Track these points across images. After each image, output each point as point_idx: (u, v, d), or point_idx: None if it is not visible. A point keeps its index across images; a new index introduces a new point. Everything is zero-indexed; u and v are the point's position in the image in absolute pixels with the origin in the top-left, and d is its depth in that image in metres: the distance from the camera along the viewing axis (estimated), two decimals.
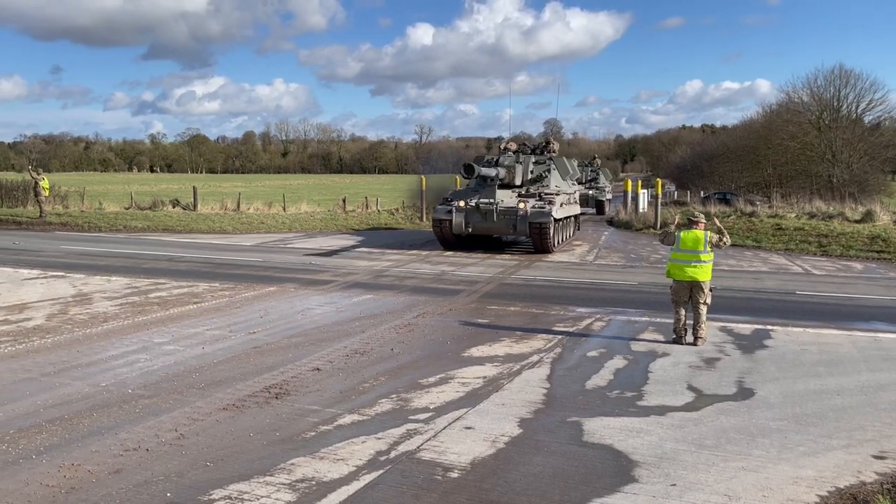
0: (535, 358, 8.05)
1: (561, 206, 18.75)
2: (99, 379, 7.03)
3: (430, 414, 6.13)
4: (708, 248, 8.64)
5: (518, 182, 19.06)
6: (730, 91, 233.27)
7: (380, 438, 5.54)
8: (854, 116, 46.69)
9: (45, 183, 25.93)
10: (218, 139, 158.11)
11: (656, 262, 16.74)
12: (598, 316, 10.49)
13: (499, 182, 18.46)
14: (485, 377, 7.25)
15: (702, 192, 45.84)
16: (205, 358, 7.86)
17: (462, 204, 18.05)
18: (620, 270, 15.74)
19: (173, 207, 29.73)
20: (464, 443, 5.46)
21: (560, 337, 9.11)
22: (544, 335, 9.21)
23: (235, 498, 4.50)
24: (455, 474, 4.89)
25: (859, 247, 18.91)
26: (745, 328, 9.72)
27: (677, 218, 9.17)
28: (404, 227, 25.98)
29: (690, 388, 6.99)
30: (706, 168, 56.99)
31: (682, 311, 8.78)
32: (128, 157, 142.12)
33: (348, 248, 19.25)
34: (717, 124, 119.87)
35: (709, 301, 8.73)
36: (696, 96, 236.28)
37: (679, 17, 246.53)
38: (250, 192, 47.38)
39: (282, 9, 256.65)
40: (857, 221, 22.57)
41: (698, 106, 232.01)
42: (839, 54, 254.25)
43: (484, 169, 18.37)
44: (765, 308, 11.23)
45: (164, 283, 12.80)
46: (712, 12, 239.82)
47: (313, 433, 5.66)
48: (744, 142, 53.07)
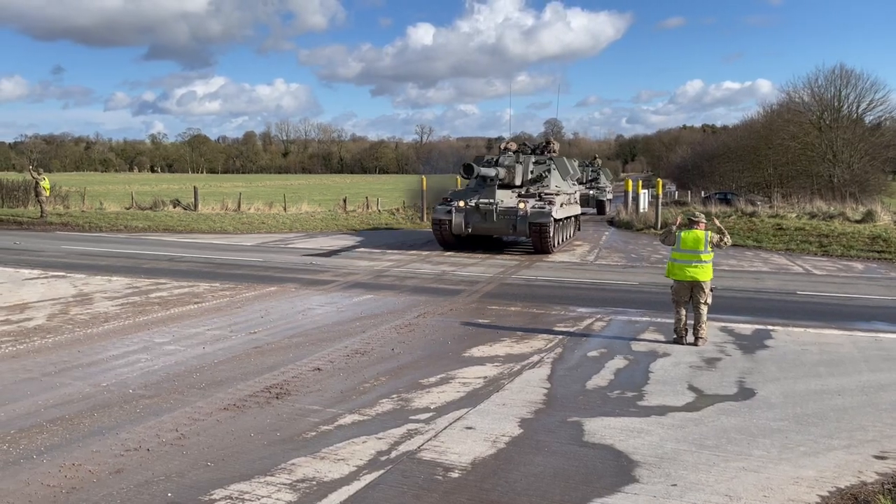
0: (535, 358, 8.05)
1: (561, 206, 18.67)
2: (100, 379, 7.04)
3: (431, 414, 6.13)
4: (708, 249, 8.64)
5: (518, 182, 18.94)
6: (730, 91, 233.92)
7: (380, 438, 5.54)
8: (855, 116, 46.72)
9: (45, 183, 25.96)
10: (218, 139, 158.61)
11: (657, 263, 16.73)
12: (598, 316, 10.49)
13: (499, 182, 18.34)
14: (485, 377, 7.25)
15: (702, 192, 45.87)
16: (205, 358, 7.87)
17: (462, 204, 17.92)
18: (621, 270, 15.74)
19: (174, 207, 29.75)
20: (464, 443, 5.46)
21: (561, 337, 9.12)
22: (545, 335, 9.21)
23: (236, 498, 4.51)
24: (456, 474, 4.89)
25: (860, 247, 18.90)
26: (746, 328, 9.72)
27: (679, 218, 9.15)
28: (405, 227, 25.99)
29: (691, 388, 6.99)
30: (707, 168, 57.03)
31: (683, 311, 8.78)
32: (128, 157, 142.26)
33: (349, 248, 19.25)
34: (718, 124, 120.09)
35: (709, 301, 8.73)
36: (696, 96, 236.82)
37: (680, 17, 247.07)
38: (251, 192, 47.40)
39: (282, 9, 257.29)
40: (857, 221, 22.56)
41: (699, 106, 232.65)
42: (840, 54, 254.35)
43: (483, 169, 18.25)
44: (765, 308, 11.22)
45: (164, 283, 12.81)
46: (713, 12, 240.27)
47: (314, 433, 5.66)
48: (744, 142, 53.10)
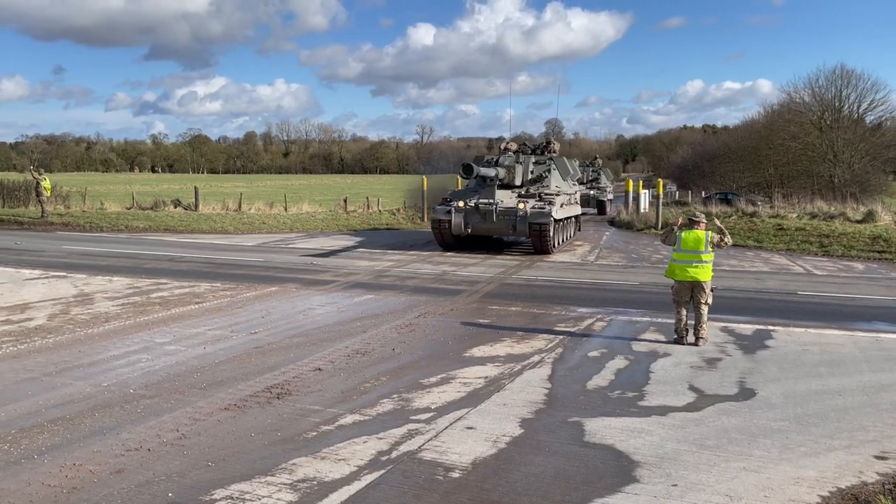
0: (536, 358, 8.05)
1: (561, 206, 18.61)
2: (100, 379, 7.04)
3: (432, 414, 6.13)
4: (709, 249, 8.64)
5: (518, 182, 18.86)
6: (731, 91, 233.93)
7: (381, 438, 5.54)
8: (855, 116, 46.71)
9: (46, 183, 25.97)
10: (219, 139, 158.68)
11: (657, 263, 16.73)
12: (599, 316, 10.49)
13: (498, 182, 18.28)
14: (486, 377, 7.25)
15: (703, 193, 45.92)
16: (206, 358, 7.87)
17: (461, 204, 17.84)
18: (622, 271, 15.73)
19: (175, 207, 29.77)
20: (465, 443, 5.47)
21: (561, 337, 9.12)
22: (545, 335, 9.21)
23: (237, 498, 4.51)
24: (456, 474, 4.90)
25: (861, 247, 18.89)
26: (747, 328, 9.72)
27: (680, 219, 9.15)
28: (405, 228, 25.99)
29: (692, 388, 6.99)
30: (707, 168, 57.03)
31: (684, 312, 8.78)
32: (129, 157, 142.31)
33: (349, 248, 19.25)
34: (719, 124, 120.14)
35: (710, 301, 8.73)
36: (697, 96, 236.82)
37: (680, 17, 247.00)
38: (252, 192, 47.39)
39: (283, 9, 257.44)
40: (858, 222, 22.56)
41: (699, 106, 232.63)
42: (841, 54, 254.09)
43: (483, 169, 18.17)
44: (766, 308, 11.22)
45: (165, 283, 12.81)
46: (713, 12, 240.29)
47: (315, 433, 5.66)
48: (745, 142, 53.09)
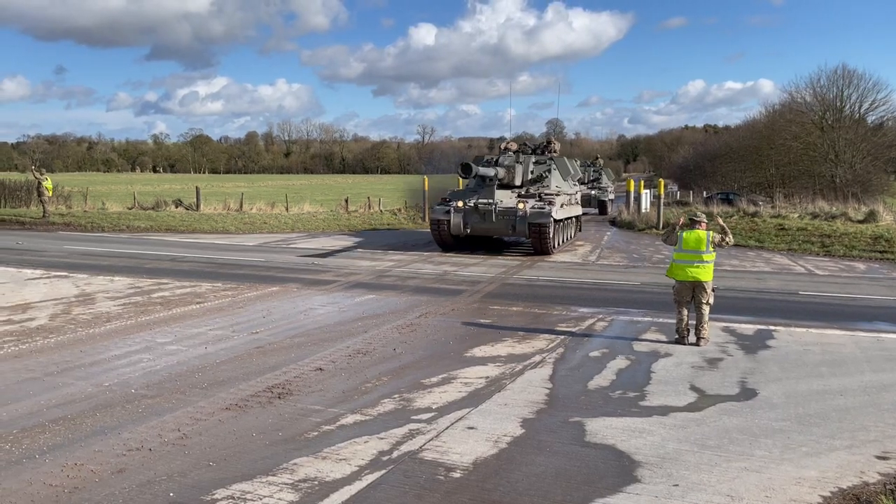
0: (537, 358, 8.05)
1: (561, 206, 18.52)
2: (102, 379, 7.05)
3: (433, 414, 6.13)
4: (710, 249, 8.63)
5: (518, 182, 18.75)
6: (732, 91, 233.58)
7: (382, 438, 5.54)
8: (857, 116, 46.66)
9: (48, 183, 26.00)
10: (220, 139, 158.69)
11: (659, 263, 16.72)
12: (600, 316, 10.48)
13: (498, 182, 18.20)
14: (487, 377, 7.25)
15: (704, 193, 45.88)
16: (207, 358, 7.88)
17: (460, 204, 17.73)
18: (623, 271, 15.73)
19: (176, 207, 29.80)
20: (466, 443, 5.47)
21: (562, 337, 9.11)
22: (546, 335, 9.21)
23: (238, 498, 4.51)
24: (457, 474, 4.90)
25: (862, 247, 18.88)
26: (748, 328, 9.71)
27: (682, 218, 9.15)
28: (407, 228, 25.99)
29: (693, 388, 6.99)
30: (709, 168, 57.00)
31: (685, 312, 8.78)
32: (131, 157, 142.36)
33: (351, 248, 19.26)
34: (720, 124, 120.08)
35: (711, 301, 8.73)
36: (698, 96, 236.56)
37: (681, 17, 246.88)
38: (253, 192, 47.42)
39: (284, 9, 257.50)
40: (860, 222, 22.55)
41: (701, 106, 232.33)
42: (842, 54, 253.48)
43: (482, 168, 18.08)
44: (768, 308, 11.21)
45: (166, 283, 12.82)
46: (714, 12, 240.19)
47: (316, 433, 5.66)
48: (746, 142, 53.06)
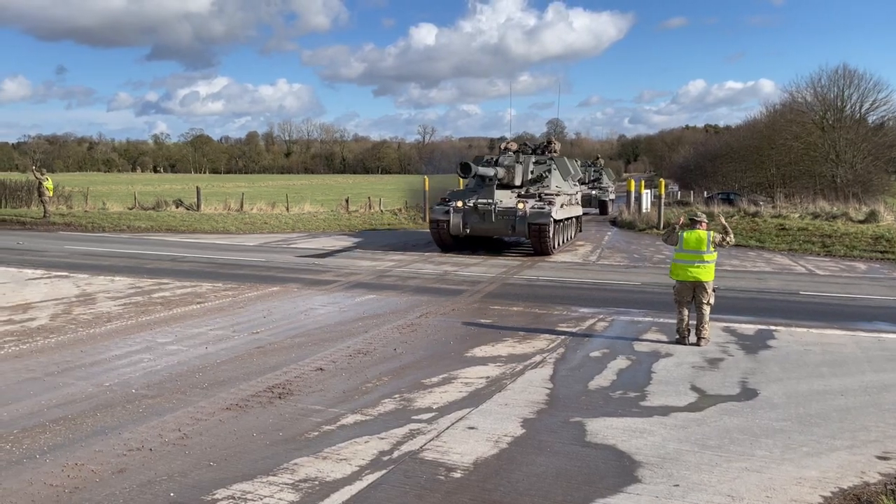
0: (537, 358, 8.05)
1: (561, 206, 18.45)
2: (102, 379, 7.05)
3: (433, 414, 6.13)
4: (711, 249, 8.62)
5: (518, 182, 18.68)
6: (733, 91, 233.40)
7: (383, 438, 5.54)
8: (858, 116, 46.59)
9: (48, 183, 26.03)
10: (221, 139, 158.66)
11: (659, 263, 16.72)
12: (601, 316, 10.48)
13: (498, 182, 18.13)
14: (488, 377, 7.25)
15: (705, 193, 45.87)
16: (208, 358, 7.88)
17: (460, 204, 17.65)
18: (623, 271, 15.72)
19: (177, 208, 29.81)
20: (467, 443, 5.47)
21: (563, 337, 9.11)
22: (547, 335, 9.21)
23: (239, 498, 4.51)
24: (458, 474, 4.90)
25: (863, 247, 18.86)
26: (749, 328, 9.71)
27: (682, 218, 9.14)
28: (407, 228, 26.00)
29: (694, 388, 6.98)
30: (709, 168, 56.98)
31: (686, 312, 8.77)
32: (131, 157, 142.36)
33: (351, 248, 19.26)
34: (721, 124, 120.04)
35: (712, 301, 8.72)
36: (699, 96, 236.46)
37: (682, 17, 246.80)
38: (253, 192, 47.42)
39: (285, 9, 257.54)
40: (860, 222, 22.53)
41: (701, 106, 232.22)
42: (843, 54, 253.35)
43: (482, 168, 17.99)
44: (768, 308, 11.21)
45: (167, 283, 12.83)
46: (715, 12, 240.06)
47: (316, 433, 5.66)
48: (747, 142, 53.02)
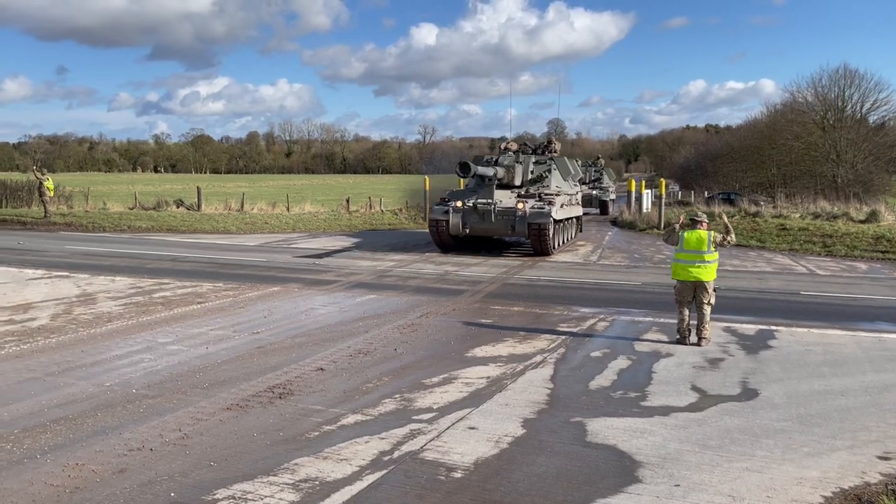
0: (538, 358, 8.05)
1: (562, 206, 18.40)
2: (103, 379, 7.05)
3: (434, 414, 6.13)
4: (712, 249, 8.62)
5: (518, 182, 18.63)
6: (734, 91, 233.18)
7: (383, 438, 5.54)
8: (858, 116, 46.55)
9: (49, 183, 26.04)
10: (222, 139, 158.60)
11: (660, 263, 16.71)
12: (601, 316, 10.48)
13: (497, 182, 18.09)
14: (488, 377, 7.25)
15: (706, 193, 45.80)
16: (208, 358, 7.88)
17: (459, 204, 17.59)
18: (624, 271, 15.72)
19: (177, 208, 29.82)
20: (467, 443, 5.46)
21: (563, 337, 9.11)
22: (548, 335, 9.21)
23: (239, 498, 4.51)
24: (458, 474, 4.89)
25: (864, 247, 18.86)
26: (750, 328, 9.70)
27: (682, 217, 9.14)
28: (408, 228, 26.00)
29: (694, 388, 6.98)
30: (710, 168, 56.95)
31: (686, 312, 8.77)
32: (132, 157, 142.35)
33: (352, 248, 19.26)
34: (721, 124, 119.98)
35: (713, 301, 8.72)
36: (699, 96, 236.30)
37: (683, 17, 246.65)
38: (254, 192, 47.41)
39: (286, 9, 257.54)
40: (861, 221, 22.52)
41: (702, 106, 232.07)
42: (843, 54, 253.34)
43: (481, 168, 17.94)
44: (769, 308, 11.20)
45: (167, 283, 12.83)
46: (716, 12, 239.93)
47: (317, 433, 5.66)
48: (748, 142, 53.01)
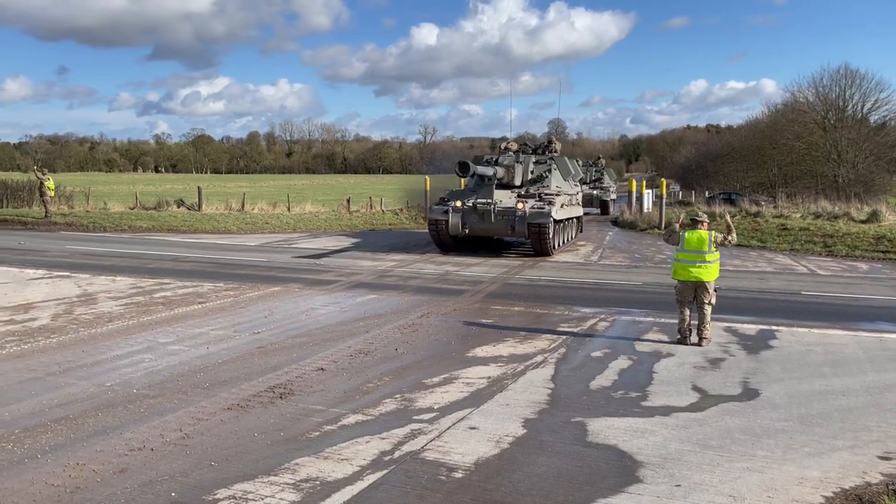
0: (539, 358, 8.05)
1: (562, 206, 18.32)
2: (104, 379, 7.05)
3: (435, 414, 6.13)
4: (713, 249, 8.61)
5: (518, 182, 18.56)
6: (735, 91, 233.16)
7: (384, 438, 5.54)
8: (859, 116, 46.52)
9: (50, 183, 26.06)
10: (222, 139, 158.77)
11: (661, 263, 16.71)
12: (602, 316, 10.47)
13: (497, 182, 18.03)
14: (489, 377, 7.25)
15: (706, 193, 45.79)
16: (209, 358, 7.88)
17: (459, 204, 17.53)
18: (625, 271, 15.71)
19: (178, 207, 29.82)
20: (468, 443, 5.46)
21: (564, 337, 9.11)
22: (548, 335, 9.20)
23: (240, 498, 4.51)
24: (459, 474, 4.89)
25: (865, 247, 18.85)
26: (750, 328, 9.70)
27: (682, 217, 9.13)
28: (408, 228, 26.00)
29: (695, 388, 6.98)
30: (711, 168, 56.95)
31: (687, 312, 8.76)
32: (133, 157, 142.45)
33: (352, 248, 19.26)
34: (722, 124, 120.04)
35: (713, 301, 8.71)
36: (700, 96, 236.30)
37: (684, 17, 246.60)
38: (255, 192, 47.45)
39: (286, 9, 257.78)
40: (862, 221, 22.50)
41: (703, 106, 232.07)
42: (844, 54, 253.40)
43: (480, 167, 17.86)
44: (770, 308, 11.20)
45: (168, 283, 12.83)
46: (717, 12, 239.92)
47: (317, 433, 5.66)
48: (749, 142, 53.02)
